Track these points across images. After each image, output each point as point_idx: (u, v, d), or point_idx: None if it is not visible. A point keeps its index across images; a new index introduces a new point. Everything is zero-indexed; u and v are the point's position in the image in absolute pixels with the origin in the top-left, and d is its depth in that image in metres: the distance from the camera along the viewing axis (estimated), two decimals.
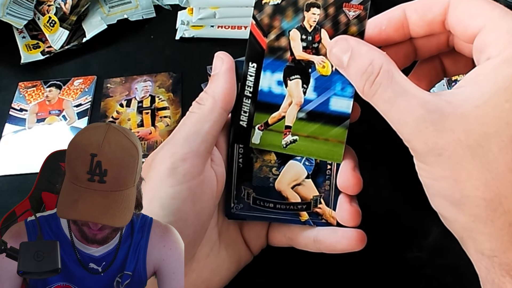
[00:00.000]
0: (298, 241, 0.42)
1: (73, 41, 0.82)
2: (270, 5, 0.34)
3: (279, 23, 0.35)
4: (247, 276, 0.49)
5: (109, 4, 0.86)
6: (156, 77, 0.78)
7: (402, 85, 0.29)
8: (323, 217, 0.37)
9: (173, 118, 0.73)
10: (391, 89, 0.29)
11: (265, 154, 0.35)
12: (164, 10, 0.89)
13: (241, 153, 0.36)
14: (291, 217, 0.37)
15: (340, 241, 0.40)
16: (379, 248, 0.48)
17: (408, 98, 0.28)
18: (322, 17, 0.34)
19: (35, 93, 0.77)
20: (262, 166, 0.36)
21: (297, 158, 0.36)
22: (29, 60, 0.81)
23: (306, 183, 0.36)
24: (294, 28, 0.35)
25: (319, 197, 0.36)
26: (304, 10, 0.34)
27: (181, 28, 0.83)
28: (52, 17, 0.83)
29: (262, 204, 0.36)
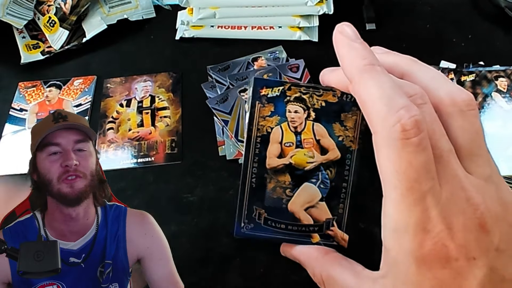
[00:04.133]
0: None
1: (73, 41, 0.82)
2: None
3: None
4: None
5: (109, 4, 0.86)
6: (156, 77, 0.78)
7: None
8: (334, 239, 0.37)
9: (173, 118, 0.73)
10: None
11: (279, 175, 0.35)
12: (164, 10, 0.89)
13: (254, 173, 0.36)
14: (303, 238, 0.37)
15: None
16: (379, 248, 0.48)
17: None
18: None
19: (35, 93, 0.77)
20: (276, 187, 0.36)
21: (312, 181, 0.36)
22: (29, 60, 0.81)
23: (320, 205, 0.36)
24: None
25: (332, 219, 0.36)
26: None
27: (181, 28, 0.83)
28: (52, 17, 0.83)
29: (274, 224, 0.36)
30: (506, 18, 0.80)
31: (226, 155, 0.67)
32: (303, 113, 0.34)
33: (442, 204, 0.24)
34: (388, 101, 0.24)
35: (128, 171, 0.67)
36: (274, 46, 0.80)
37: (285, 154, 0.35)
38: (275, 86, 0.34)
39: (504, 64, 0.72)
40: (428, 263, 0.24)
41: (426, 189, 0.23)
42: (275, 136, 0.35)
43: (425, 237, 0.24)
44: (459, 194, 0.24)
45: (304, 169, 0.35)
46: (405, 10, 0.85)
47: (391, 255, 0.25)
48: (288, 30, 0.81)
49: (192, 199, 0.64)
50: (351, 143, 0.35)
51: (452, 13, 0.84)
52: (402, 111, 0.23)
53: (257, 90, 0.34)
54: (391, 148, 0.24)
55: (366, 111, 0.26)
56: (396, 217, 0.24)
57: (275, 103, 0.34)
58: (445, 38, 0.80)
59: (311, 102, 0.34)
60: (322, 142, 0.34)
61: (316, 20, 0.80)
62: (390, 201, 0.25)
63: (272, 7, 0.79)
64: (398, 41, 0.79)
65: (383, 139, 0.24)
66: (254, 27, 0.82)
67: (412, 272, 0.24)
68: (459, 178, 0.24)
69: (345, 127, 0.34)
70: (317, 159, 0.35)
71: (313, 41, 0.81)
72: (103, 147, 0.69)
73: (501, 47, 0.78)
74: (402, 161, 0.23)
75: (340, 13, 0.78)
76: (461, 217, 0.24)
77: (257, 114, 0.34)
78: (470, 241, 0.23)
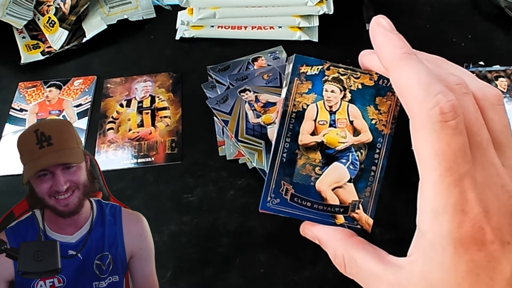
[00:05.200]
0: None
1: (73, 41, 0.82)
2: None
3: None
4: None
5: (109, 4, 0.86)
6: (156, 77, 0.78)
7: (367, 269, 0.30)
8: (359, 222, 0.37)
9: (173, 118, 0.73)
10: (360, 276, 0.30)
11: (310, 152, 0.36)
12: (164, 10, 0.89)
13: (286, 148, 0.36)
14: (327, 218, 0.37)
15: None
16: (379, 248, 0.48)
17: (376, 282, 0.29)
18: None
19: (35, 93, 0.77)
20: (305, 164, 0.36)
21: (342, 161, 0.36)
22: (29, 60, 0.81)
23: (348, 186, 0.37)
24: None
25: (358, 202, 0.36)
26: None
27: (181, 28, 0.83)
28: (51, 17, 0.83)
29: (300, 202, 0.36)
30: (506, 18, 0.80)
31: (226, 155, 0.67)
32: (340, 93, 0.35)
33: (479, 187, 0.24)
34: (426, 86, 0.25)
35: (128, 171, 0.67)
36: (274, 46, 0.80)
37: (318, 132, 0.35)
38: (314, 64, 0.35)
39: (504, 64, 0.72)
40: (465, 244, 0.24)
41: (464, 171, 0.24)
42: (310, 113, 0.35)
43: (463, 218, 0.24)
44: (494, 180, 0.25)
45: (335, 149, 0.35)
46: (405, 10, 0.85)
47: (427, 237, 0.26)
48: (288, 30, 0.81)
49: (192, 199, 0.64)
50: (384, 127, 0.35)
51: (452, 13, 0.84)
52: (440, 95, 0.24)
53: (296, 67, 0.35)
54: (430, 131, 0.24)
55: (404, 96, 0.26)
56: (435, 198, 0.25)
57: (313, 81, 0.35)
58: (445, 38, 0.80)
59: (348, 84, 0.35)
60: (355, 124, 0.35)
61: (316, 20, 0.80)
62: (428, 183, 0.25)
63: (272, 7, 0.79)
64: None
65: (421, 123, 0.25)
66: (254, 27, 0.82)
67: (449, 254, 0.25)
68: (495, 165, 0.25)
69: (379, 111, 0.35)
70: (349, 140, 0.35)
71: (313, 41, 0.81)
72: (103, 147, 0.69)
73: (501, 47, 0.78)
74: (441, 142, 0.24)
75: (340, 13, 0.78)
76: (496, 202, 0.24)
77: (295, 90, 0.35)
78: (505, 225, 0.24)
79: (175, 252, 0.59)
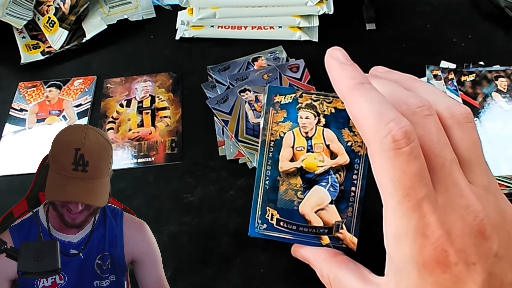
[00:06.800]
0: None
1: (73, 41, 0.82)
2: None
3: None
4: None
5: (109, 4, 0.86)
6: (156, 77, 0.78)
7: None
8: (343, 242, 0.38)
9: (173, 118, 0.73)
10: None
11: (291, 178, 0.37)
12: (164, 10, 0.89)
13: (268, 176, 0.38)
14: (313, 240, 0.38)
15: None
16: (379, 248, 0.48)
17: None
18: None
19: (35, 93, 0.77)
20: (287, 189, 0.38)
21: (322, 184, 0.37)
22: (29, 60, 0.81)
23: (330, 208, 0.38)
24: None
25: (341, 222, 0.38)
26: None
27: (181, 28, 0.84)
28: (51, 17, 0.83)
29: (286, 226, 0.38)
30: (506, 18, 0.80)
31: (226, 155, 0.67)
32: (314, 119, 0.36)
33: (440, 210, 0.25)
34: (378, 114, 0.25)
35: (128, 171, 0.67)
36: (274, 46, 0.80)
37: (296, 158, 0.36)
38: (287, 93, 0.36)
39: (504, 64, 0.72)
40: (429, 268, 0.24)
41: (422, 196, 0.24)
42: (287, 140, 0.36)
43: (424, 242, 0.24)
44: (458, 201, 0.25)
45: (314, 173, 0.36)
46: (405, 10, 0.85)
47: (394, 261, 0.26)
48: (288, 30, 0.81)
49: (192, 199, 0.64)
50: (360, 148, 0.36)
51: (452, 13, 0.84)
52: (392, 123, 0.24)
53: (270, 97, 0.36)
54: (385, 159, 0.25)
55: (359, 126, 0.27)
56: (396, 224, 0.25)
57: (288, 110, 0.36)
58: (445, 38, 0.80)
59: (321, 109, 0.36)
60: (332, 147, 0.36)
61: (316, 20, 0.80)
62: (389, 209, 0.26)
63: (272, 7, 0.79)
64: (398, 41, 0.79)
65: (377, 151, 0.25)
66: (254, 27, 0.82)
67: (414, 277, 0.25)
68: (459, 186, 0.25)
69: (354, 133, 0.36)
70: (327, 163, 0.36)
71: (313, 41, 0.81)
72: None
73: (501, 47, 0.78)
74: (396, 170, 0.24)
75: (340, 13, 0.78)
76: (460, 224, 0.24)
77: (271, 119, 0.36)
78: (469, 246, 0.24)
79: (175, 252, 0.59)
